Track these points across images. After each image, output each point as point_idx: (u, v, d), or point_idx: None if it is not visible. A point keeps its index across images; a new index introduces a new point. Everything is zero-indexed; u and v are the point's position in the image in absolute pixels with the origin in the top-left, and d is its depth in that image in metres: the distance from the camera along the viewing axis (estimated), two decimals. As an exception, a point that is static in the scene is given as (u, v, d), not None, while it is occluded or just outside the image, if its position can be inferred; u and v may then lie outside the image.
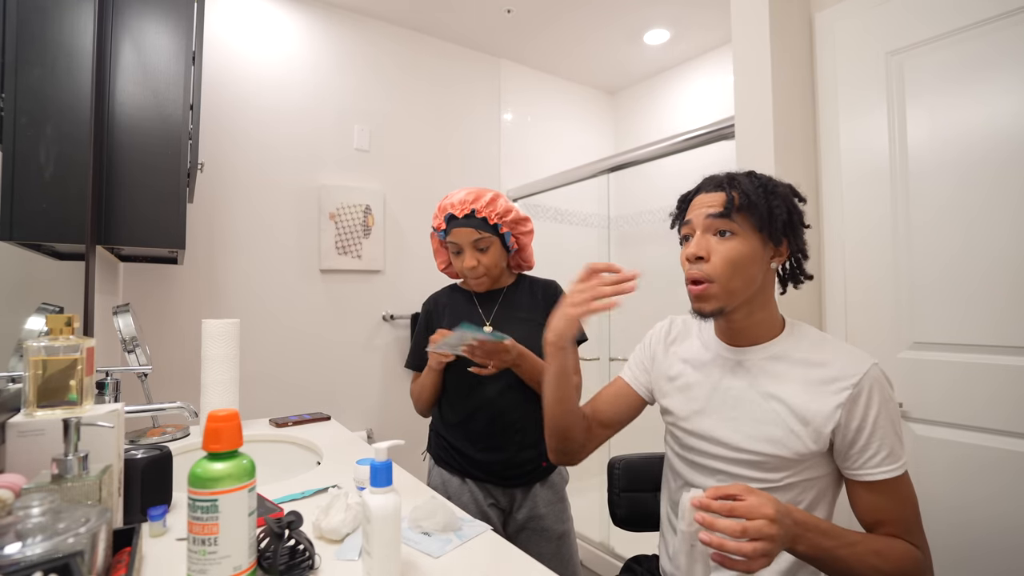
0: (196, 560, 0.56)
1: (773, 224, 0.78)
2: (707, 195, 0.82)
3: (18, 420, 0.66)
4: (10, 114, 0.86)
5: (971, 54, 1.13)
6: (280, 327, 2.02)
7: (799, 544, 0.65)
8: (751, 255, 0.78)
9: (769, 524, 0.61)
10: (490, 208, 1.16)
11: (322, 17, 2.16)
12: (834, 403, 0.74)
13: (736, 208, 0.78)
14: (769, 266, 0.81)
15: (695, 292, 0.81)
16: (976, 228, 1.12)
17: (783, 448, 0.76)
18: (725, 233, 0.79)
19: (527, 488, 1.19)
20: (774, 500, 0.64)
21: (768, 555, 0.61)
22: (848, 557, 0.67)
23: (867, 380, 0.74)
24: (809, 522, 0.67)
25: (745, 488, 0.65)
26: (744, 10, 1.41)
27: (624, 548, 2.04)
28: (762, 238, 0.79)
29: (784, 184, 0.83)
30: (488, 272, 1.19)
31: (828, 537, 0.67)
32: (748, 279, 0.79)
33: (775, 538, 0.61)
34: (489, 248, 1.18)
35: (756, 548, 0.60)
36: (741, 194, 0.78)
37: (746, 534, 0.60)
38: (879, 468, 0.73)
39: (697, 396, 0.86)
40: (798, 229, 0.81)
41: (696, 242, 0.80)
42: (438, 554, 0.72)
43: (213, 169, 1.89)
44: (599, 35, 2.45)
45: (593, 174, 2.15)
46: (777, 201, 0.78)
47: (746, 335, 0.84)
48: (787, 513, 0.65)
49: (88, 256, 1.08)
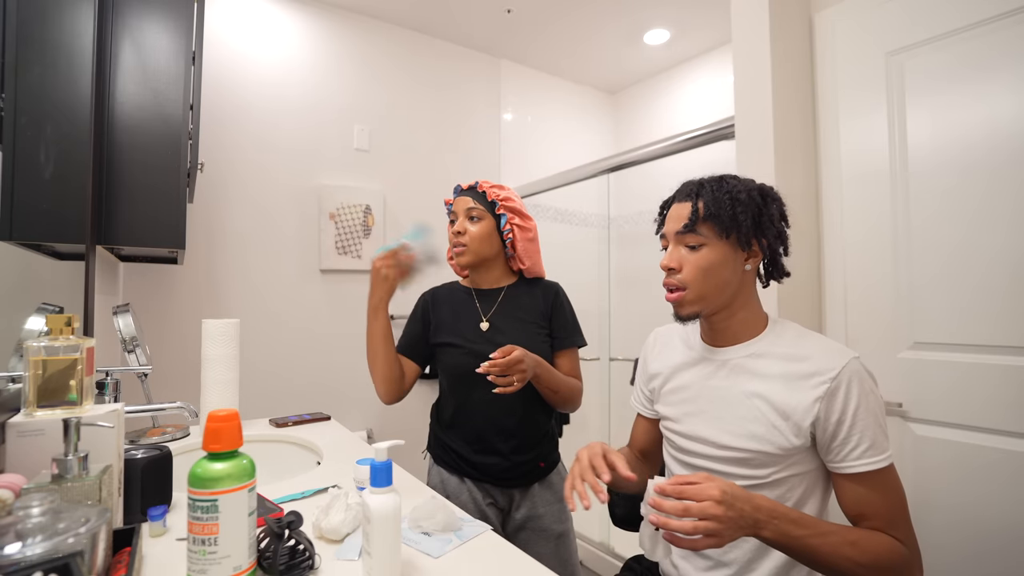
0: (196, 560, 0.56)
1: (739, 230, 0.80)
2: (679, 205, 0.85)
3: (18, 420, 0.66)
4: (10, 114, 0.86)
5: (971, 54, 1.13)
6: (280, 327, 2.02)
7: (763, 530, 0.67)
8: (721, 261, 0.81)
9: (714, 505, 0.64)
10: (494, 189, 1.20)
11: (322, 17, 2.16)
12: (813, 396, 0.76)
13: (701, 219, 0.81)
14: (744, 268, 0.83)
15: (671, 299, 0.86)
16: (976, 228, 1.12)
17: (767, 444, 0.78)
18: (694, 245, 0.82)
19: (525, 488, 1.19)
20: (725, 484, 0.66)
21: (716, 535, 0.64)
22: (820, 546, 0.68)
23: (845, 373, 0.76)
24: (777, 510, 0.68)
25: (705, 476, 0.68)
26: (744, 10, 1.41)
27: (624, 548, 2.04)
28: (731, 244, 0.81)
29: (754, 187, 0.83)
30: (471, 244, 1.18)
31: (798, 526, 0.68)
32: (721, 283, 0.82)
33: (721, 518, 0.63)
34: (480, 220, 1.18)
35: (698, 526, 0.63)
36: (705, 205, 0.81)
37: (688, 513, 0.64)
38: (860, 460, 0.74)
39: (686, 399, 0.89)
40: (768, 230, 0.82)
41: (668, 254, 0.85)
42: (438, 554, 0.72)
43: (213, 169, 1.89)
44: (599, 35, 2.45)
45: (593, 174, 2.15)
46: (741, 208, 0.79)
47: (728, 335, 0.86)
48: (745, 499, 0.67)
49: (88, 256, 1.08)
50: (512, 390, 1.03)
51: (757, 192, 0.82)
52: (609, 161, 2.05)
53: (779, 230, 0.83)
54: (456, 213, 1.21)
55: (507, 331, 1.19)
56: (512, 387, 1.03)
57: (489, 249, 1.20)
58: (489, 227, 1.19)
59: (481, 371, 1.02)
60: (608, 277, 2.69)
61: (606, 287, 2.67)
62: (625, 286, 2.79)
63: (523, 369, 1.04)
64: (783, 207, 0.85)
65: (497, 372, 1.02)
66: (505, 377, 1.03)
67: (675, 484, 0.67)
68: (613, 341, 2.53)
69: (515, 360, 1.02)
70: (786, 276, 0.86)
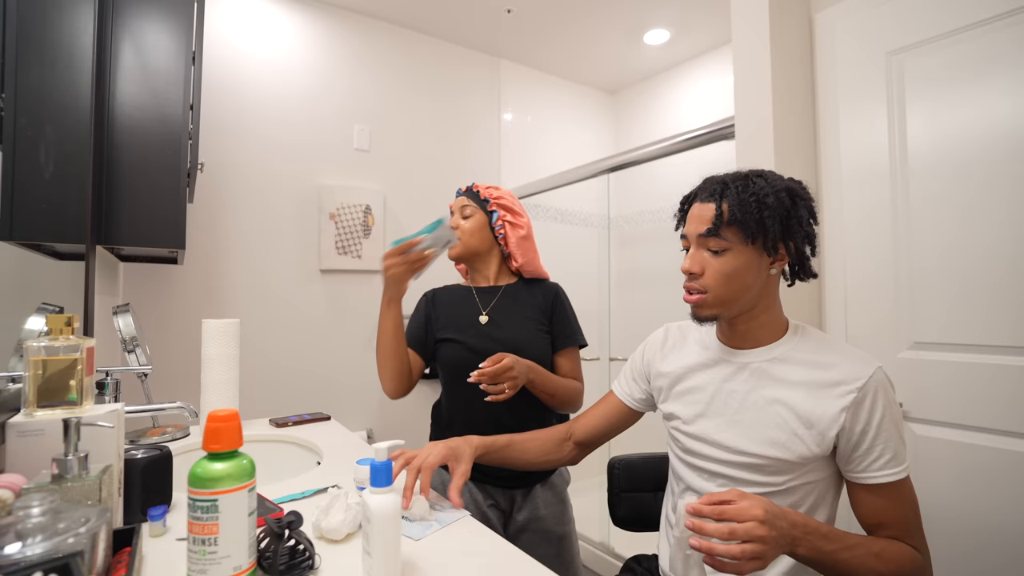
0: (196, 560, 0.56)
1: (765, 236, 0.76)
2: (701, 205, 0.81)
3: (18, 420, 0.66)
4: (10, 114, 0.86)
5: (971, 54, 1.13)
6: (280, 327, 2.02)
7: (799, 547, 0.66)
8: (745, 266, 0.78)
9: (758, 526, 0.61)
10: (488, 189, 1.26)
11: (322, 17, 2.16)
12: (839, 406, 0.74)
13: (726, 223, 0.77)
14: (769, 272, 0.80)
15: (690, 301, 0.82)
16: (977, 228, 1.12)
17: (786, 451, 0.76)
18: (716, 249, 0.79)
19: (527, 489, 1.19)
20: (766, 502, 0.64)
21: (760, 557, 0.61)
22: (849, 560, 0.67)
23: (872, 383, 0.74)
24: (809, 525, 0.67)
25: (738, 493, 0.65)
26: (744, 10, 1.41)
27: (624, 548, 2.04)
28: (756, 248, 0.78)
29: (782, 187, 0.78)
30: (462, 237, 1.24)
31: (828, 540, 0.67)
32: (743, 288, 0.79)
33: (766, 539, 0.61)
34: (471, 217, 1.24)
35: (745, 550, 0.60)
36: (730, 208, 0.76)
37: (734, 536, 0.61)
38: (882, 471, 0.73)
39: (699, 399, 0.86)
40: (796, 233, 0.78)
41: (690, 257, 0.81)
42: (419, 536, 0.75)
43: (213, 169, 1.89)
44: (599, 35, 2.45)
45: (593, 174, 2.15)
46: (768, 212, 0.75)
47: (748, 337, 0.84)
48: (782, 516, 0.65)
49: (88, 256, 1.08)
50: (503, 398, 1.05)
51: (785, 194, 0.77)
52: (609, 161, 2.05)
53: (807, 232, 0.79)
54: (452, 213, 1.29)
55: (506, 326, 1.19)
56: (504, 395, 1.04)
57: (480, 243, 1.23)
58: (480, 222, 1.24)
59: (472, 380, 1.02)
60: (608, 277, 2.70)
61: (606, 287, 2.67)
62: (625, 286, 2.79)
63: (514, 376, 1.05)
64: (812, 205, 0.80)
65: (487, 380, 1.03)
66: (496, 385, 1.04)
67: (710, 504, 0.64)
68: (613, 341, 2.53)
69: (505, 368, 1.03)
70: (813, 277, 0.82)
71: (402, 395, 1.20)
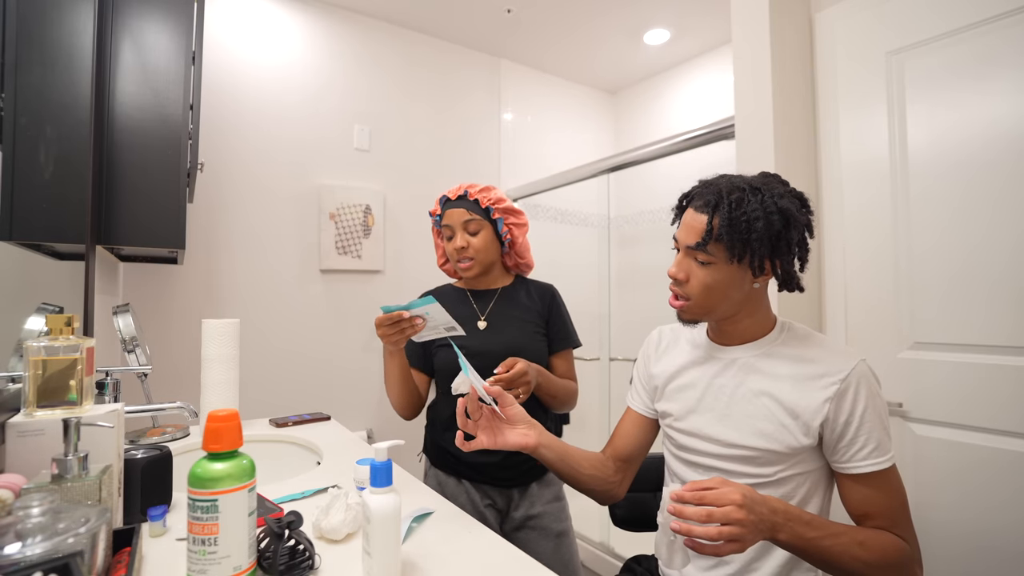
0: (196, 560, 0.56)
1: (751, 257, 0.76)
2: (695, 215, 0.80)
3: (18, 420, 0.66)
4: (10, 114, 0.86)
5: (971, 54, 1.13)
6: (280, 327, 2.02)
7: (780, 533, 0.67)
8: (727, 282, 0.80)
9: (736, 510, 0.63)
10: (483, 193, 1.19)
11: (322, 17, 2.16)
12: (822, 397, 0.77)
13: (714, 239, 0.77)
14: (752, 286, 0.81)
15: (674, 306, 0.86)
16: (977, 228, 1.12)
17: (774, 442, 0.78)
18: (703, 261, 0.80)
19: (524, 488, 1.19)
20: (746, 489, 0.66)
21: (738, 540, 0.63)
22: (832, 547, 0.69)
23: (854, 375, 0.77)
24: (791, 512, 0.69)
25: (720, 480, 0.67)
26: (744, 10, 1.41)
27: (624, 548, 2.04)
28: (741, 267, 0.78)
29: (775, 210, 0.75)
30: (476, 256, 1.17)
31: (811, 527, 0.69)
32: (723, 299, 0.81)
33: (744, 523, 0.63)
34: (479, 232, 1.18)
35: (723, 532, 0.63)
36: (720, 224, 0.76)
37: (712, 519, 0.63)
38: (866, 461, 0.75)
39: (690, 396, 0.88)
40: (784, 255, 0.77)
41: (677, 263, 0.84)
42: None
43: (213, 169, 1.89)
44: (599, 35, 2.45)
45: (593, 174, 2.15)
46: (756, 235, 0.74)
47: (735, 335, 0.86)
48: (762, 502, 0.67)
49: (88, 256, 1.08)
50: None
51: (778, 216, 0.75)
52: (609, 161, 2.05)
53: (797, 253, 0.79)
54: (452, 228, 1.19)
55: (505, 330, 1.19)
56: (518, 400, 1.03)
57: (493, 256, 1.22)
58: (488, 235, 1.19)
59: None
60: (608, 277, 2.69)
61: (606, 287, 2.67)
62: (625, 286, 2.79)
63: (528, 381, 1.05)
64: (810, 220, 0.80)
65: (504, 386, 1.01)
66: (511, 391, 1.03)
67: (692, 490, 0.66)
68: (613, 341, 2.53)
69: (520, 372, 1.03)
70: (799, 291, 0.82)
71: (416, 415, 1.22)
